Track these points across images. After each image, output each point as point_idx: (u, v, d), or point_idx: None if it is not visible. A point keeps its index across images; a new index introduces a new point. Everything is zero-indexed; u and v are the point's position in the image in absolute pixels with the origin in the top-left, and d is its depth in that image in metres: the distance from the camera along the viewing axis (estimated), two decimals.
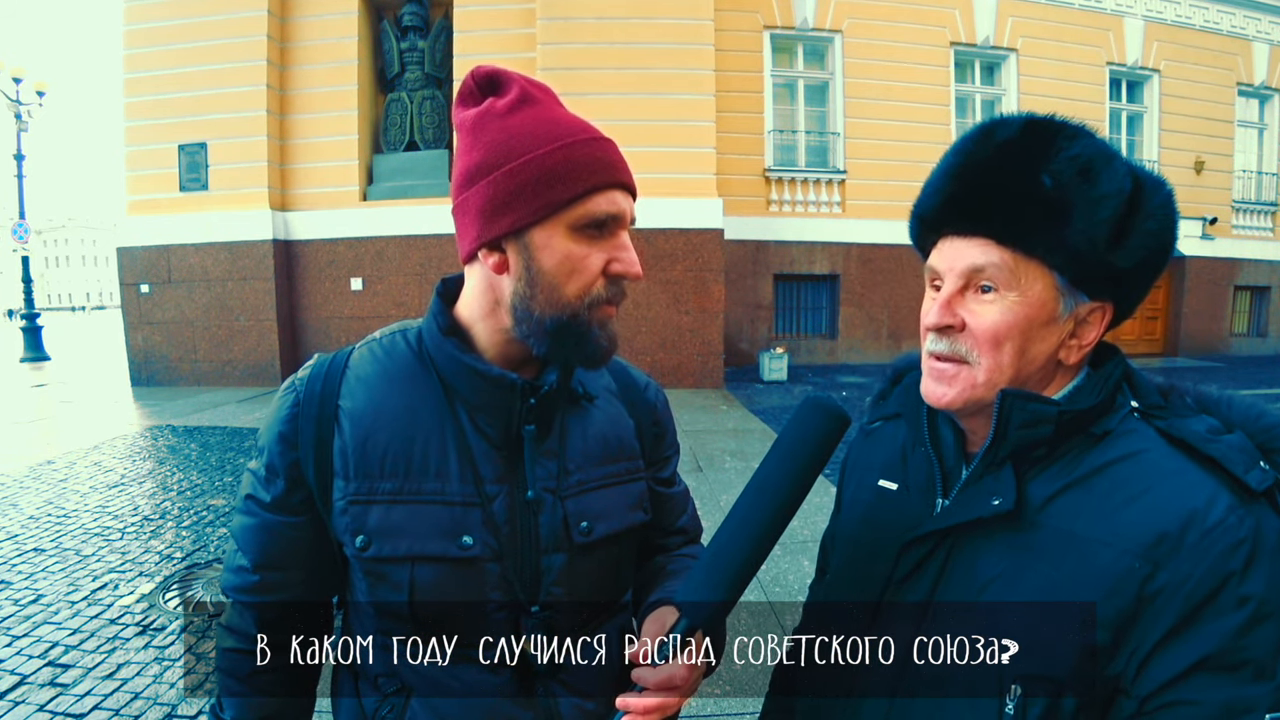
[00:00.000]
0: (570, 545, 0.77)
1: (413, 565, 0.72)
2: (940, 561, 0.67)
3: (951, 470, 0.72)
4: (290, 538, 0.77)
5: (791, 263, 10.74)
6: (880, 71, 10.56)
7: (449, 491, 0.73)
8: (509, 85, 0.70)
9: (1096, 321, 0.65)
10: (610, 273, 0.70)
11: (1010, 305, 0.62)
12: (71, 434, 6.52)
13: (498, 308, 0.72)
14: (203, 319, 9.09)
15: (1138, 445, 0.62)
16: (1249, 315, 13.29)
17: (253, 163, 8.89)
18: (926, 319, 0.67)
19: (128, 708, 2.31)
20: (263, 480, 0.76)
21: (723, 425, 6.66)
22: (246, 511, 0.78)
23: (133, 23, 9.04)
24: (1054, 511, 0.62)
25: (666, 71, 8.42)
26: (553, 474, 0.77)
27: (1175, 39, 11.88)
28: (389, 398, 0.75)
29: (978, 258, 0.63)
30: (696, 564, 0.66)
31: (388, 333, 0.81)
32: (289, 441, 0.74)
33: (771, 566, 3.44)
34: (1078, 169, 0.60)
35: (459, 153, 0.71)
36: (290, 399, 0.76)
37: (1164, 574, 0.56)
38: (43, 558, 3.56)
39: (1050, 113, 0.65)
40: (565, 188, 0.66)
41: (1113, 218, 0.60)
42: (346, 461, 0.73)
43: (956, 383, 0.65)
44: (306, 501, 0.76)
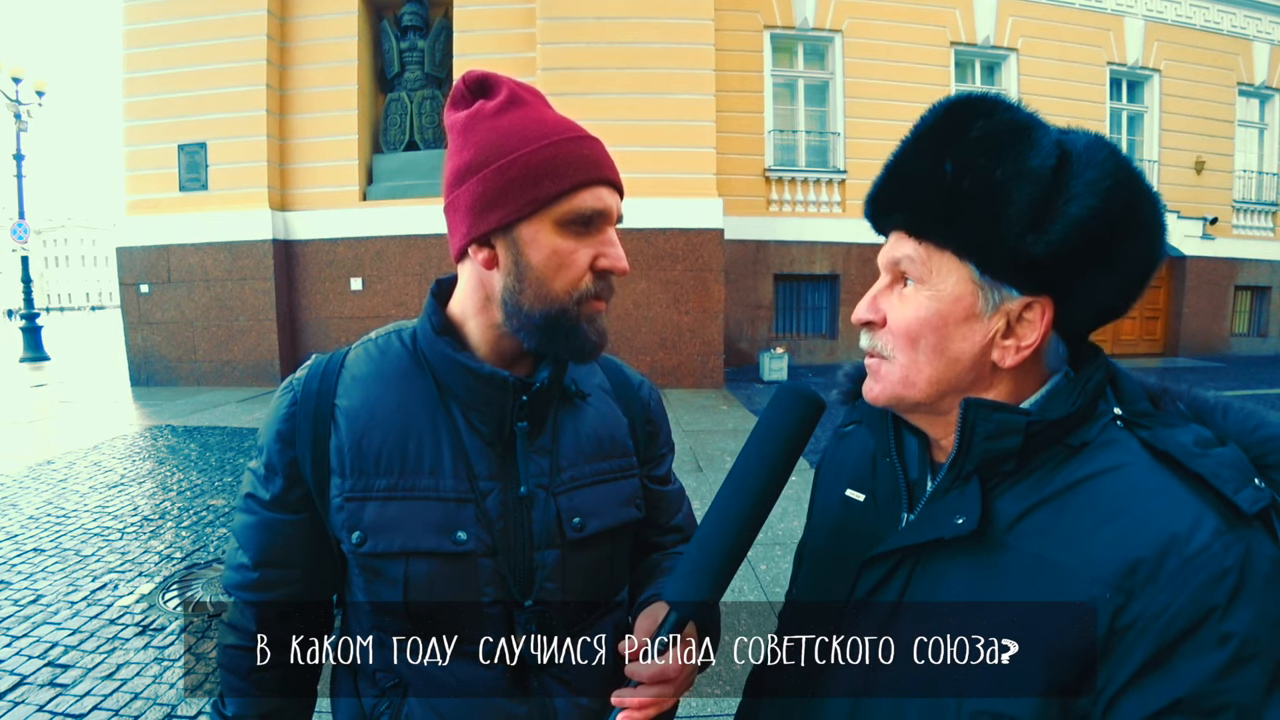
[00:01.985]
0: (563, 540, 0.78)
1: (407, 560, 0.73)
2: (902, 581, 0.63)
3: (916, 482, 0.68)
4: (289, 535, 0.78)
5: (791, 263, 10.74)
6: (881, 71, 10.55)
7: (443, 488, 0.74)
8: (498, 87, 0.72)
9: (1035, 320, 0.58)
10: (597, 268, 0.72)
11: (924, 300, 0.59)
12: (71, 434, 6.52)
13: (489, 303, 0.74)
14: (202, 319, 9.09)
15: (1117, 459, 0.56)
16: (1249, 315, 13.29)
17: (252, 163, 8.88)
18: (853, 315, 0.65)
19: (127, 708, 2.31)
20: (262, 479, 0.78)
21: (723, 425, 6.66)
22: (247, 509, 0.80)
23: (132, 22, 9.03)
24: (1022, 532, 0.57)
25: (666, 71, 8.41)
26: (545, 470, 0.78)
27: (1176, 39, 11.87)
28: (384, 396, 0.76)
29: (897, 249, 0.61)
30: (681, 559, 0.67)
31: (383, 333, 0.82)
32: (287, 440, 0.76)
33: (772, 566, 3.44)
34: (982, 150, 0.56)
35: (450, 154, 0.73)
36: (288, 398, 0.78)
37: (1137, 605, 0.50)
38: (42, 558, 3.56)
39: (982, 92, 0.61)
40: (552, 183, 0.68)
41: (1024, 200, 0.54)
42: (343, 459, 0.74)
43: (879, 379, 0.64)
44: (304, 499, 0.77)
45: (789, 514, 4.26)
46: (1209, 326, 12.65)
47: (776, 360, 9.34)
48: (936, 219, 0.58)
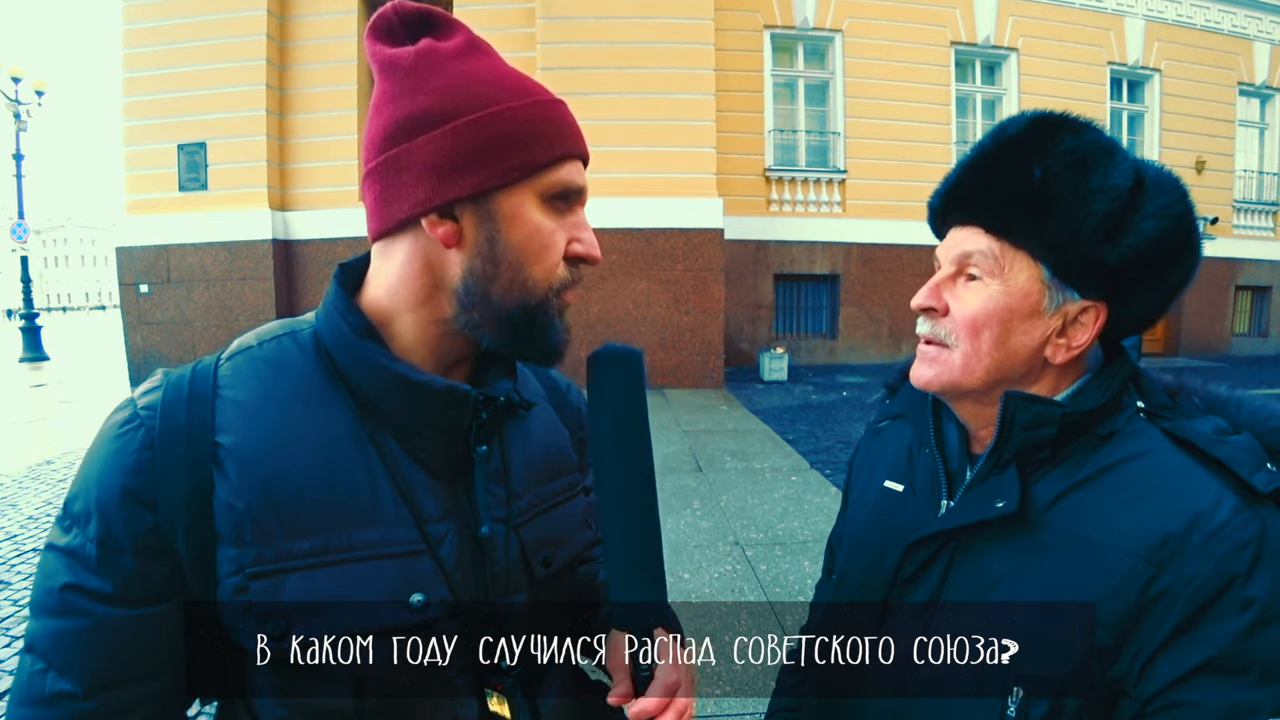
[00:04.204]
0: (530, 581, 0.65)
1: (355, 646, 0.55)
2: (945, 563, 0.68)
3: (956, 472, 0.72)
4: (146, 638, 0.55)
5: (792, 263, 10.74)
6: (881, 71, 10.55)
7: (388, 540, 0.58)
8: (451, 27, 0.59)
9: (1089, 323, 0.64)
10: (570, 254, 0.61)
11: (993, 293, 0.64)
12: (71, 434, 6.51)
13: (436, 292, 0.59)
14: (202, 319, 9.09)
15: (1143, 446, 0.62)
16: (1250, 315, 13.29)
17: (252, 162, 8.89)
18: (913, 300, 0.69)
19: None
20: (94, 562, 0.53)
21: (723, 425, 6.65)
22: (63, 610, 0.54)
23: (132, 22, 9.03)
24: (1059, 513, 0.62)
25: (666, 71, 8.41)
26: (501, 500, 0.65)
27: (1176, 38, 11.87)
28: (289, 426, 0.57)
29: (968, 244, 0.65)
30: (606, 573, 0.59)
31: (268, 337, 0.62)
32: (140, 500, 0.54)
33: (771, 567, 3.44)
34: (1071, 162, 0.61)
35: (390, 96, 0.57)
36: (137, 438, 0.56)
37: (1168, 576, 0.56)
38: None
39: (1064, 110, 0.66)
40: (542, 149, 0.57)
41: (1104, 212, 0.60)
42: (239, 519, 0.54)
43: (935, 365, 0.67)
44: (171, 580, 0.55)
45: (788, 514, 4.25)
46: (1210, 326, 12.65)
47: (776, 360, 9.33)
48: (1021, 219, 0.62)
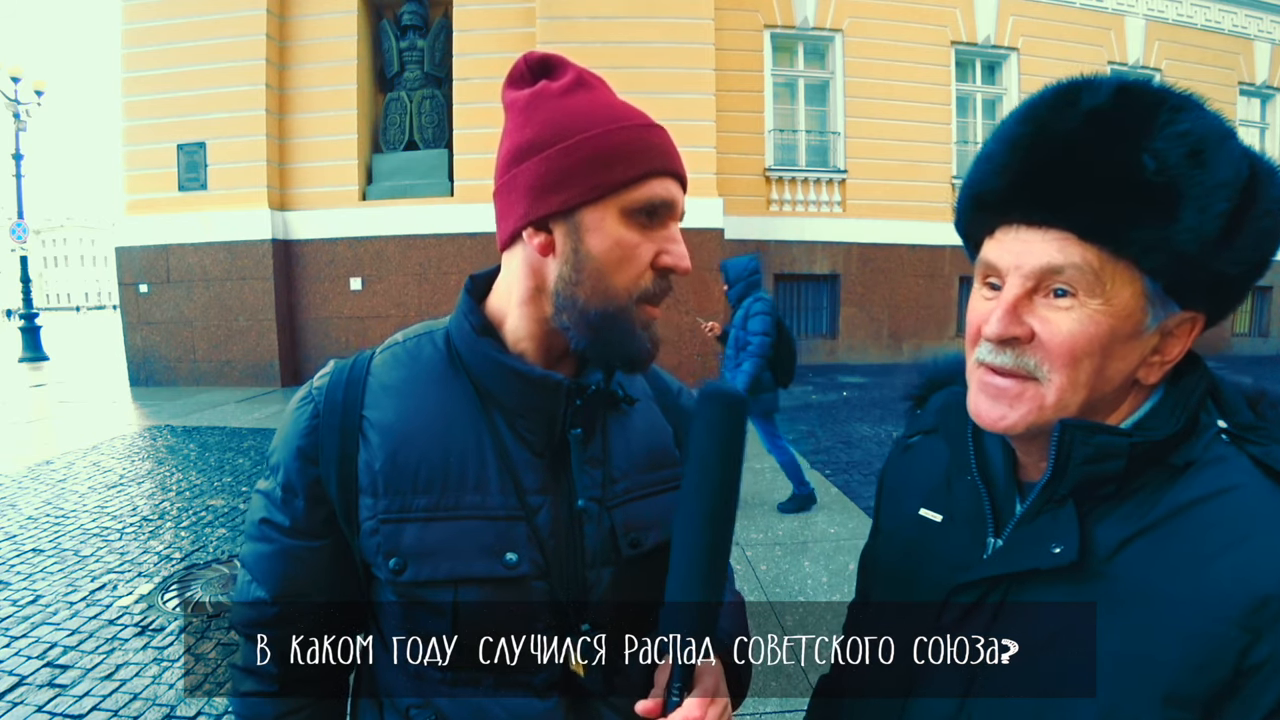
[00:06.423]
0: (618, 558, 0.73)
1: (456, 589, 0.67)
2: (992, 610, 0.58)
3: (1003, 502, 0.62)
4: (313, 564, 0.72)
5: (792, 262, 10.73)
6: (881, 71, 10.54)
7: (490, 505, 0.68)
8: (564, 68, 0.68)
9: (1184, 334, 0.54)
10: (659, 265, 0.66)
11: (1092, 315, 0.51)
12: (70, 434, 6.51)
13: (539, 294, 0.68)
14: (202, 319, 9.08)
15: (1229, 480, 0.51)
16: (1250, 315, 13.28)
17: (252, 162, 8.87)
18: (987, 327, 0.54)
19: (126, 708, 2.30)
20: (279, 502, 0.71)
21: None
22: (261, 538, 0.73)
23: (131, 22, 9.03)
24: (1126, 561, 0.52)
25: (666, 71, 8.41)
26: (598, 482, 0.73)
27: (1177, 38, 11.86)
28: (420, 405, 0.70)
29: (1055, 256, 0.51)
30: (669, 589, 0.60)
31: (412, 335, 0.76)
32: (308, 457, 0.70)
33: (772, 567, 3.43)
34: (1187, 149, 0.48)
35: (507, 132, 0.68)
36: (308, 410, 0.71)
37: (1266, 645, 0.46)
38: (41, 558, 3.56)
39: (1146, 76, 0.54)
40: (622, 169, 0.63)
41: (1227, 211, 0.48)
42: (374, 477, 0.68)
43: (1021, 403, 0.54)
44: (329, 522, 0.71)
45: (789, 514, 4.25)
46: None
47: None
48: (1131, 223, 0.49)
